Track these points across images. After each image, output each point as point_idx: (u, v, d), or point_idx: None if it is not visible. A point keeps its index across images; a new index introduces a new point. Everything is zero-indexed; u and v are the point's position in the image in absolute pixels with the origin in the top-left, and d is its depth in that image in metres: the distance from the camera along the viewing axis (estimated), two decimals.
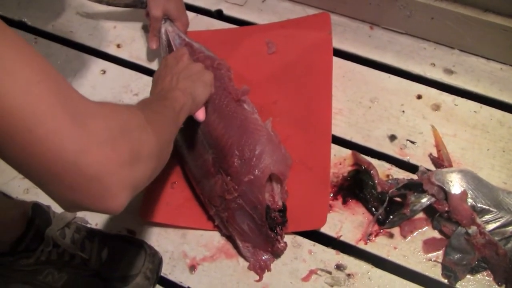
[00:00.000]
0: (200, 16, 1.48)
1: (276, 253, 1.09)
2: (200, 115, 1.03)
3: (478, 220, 1.03)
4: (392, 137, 1.20)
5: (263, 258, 1.09)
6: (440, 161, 1.14)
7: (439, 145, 1.17)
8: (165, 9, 1.28)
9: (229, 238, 1.13)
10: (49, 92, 0.56)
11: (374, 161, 1.17)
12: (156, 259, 1.11)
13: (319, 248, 1.10)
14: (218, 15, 1.49)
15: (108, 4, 1.41)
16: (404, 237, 1.09)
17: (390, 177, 1.15)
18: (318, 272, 1.08)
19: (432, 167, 1.15)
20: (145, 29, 1.47)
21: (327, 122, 1.21)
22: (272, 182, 1.09)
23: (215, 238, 1.14)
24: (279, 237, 1.06)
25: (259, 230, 1.06)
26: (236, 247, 1.11)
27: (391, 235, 1.09)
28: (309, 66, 1.29)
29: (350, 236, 1.11)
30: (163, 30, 1.29)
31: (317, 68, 1.28)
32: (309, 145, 1.18)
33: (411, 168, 1.16)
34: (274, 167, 1.07)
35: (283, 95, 1.26)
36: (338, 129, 1.23)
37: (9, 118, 0.53)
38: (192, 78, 1.01)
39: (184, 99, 0.94)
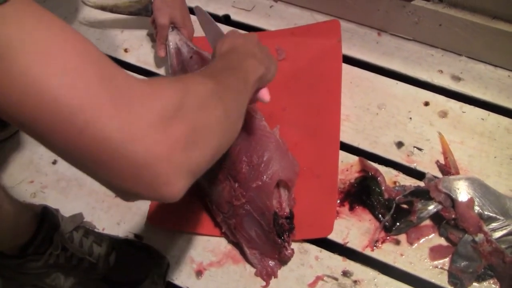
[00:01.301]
0: None
1: (283, 260, 1.09)
2: (266, 95, 0.96)
3: (485, 228, 1.03)
4: (399, 144, 1.21)
5: (270, 264, 1.09)
6: (447, 168, 1.14)
7: (446, 152, 1.17)
8: (171, 17, 1.28)
9: (236, 244, 1.13)
10: (88, 77, 0.53)
11: (381, 168, 1.17)
12: (163, 264, 1.11)
13: (325, 254, 1.11)
14: (226, 20, 1.49)
15: (112, 11, 1.41)
16: (411, 244, 1.09)
17: (397, 184, 1.15)
18: (324, 278, 1.08)
19: (439, 174, 1.15)
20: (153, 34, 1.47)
21: (336, 129, 1.21)
22: (280, 189, 1.10)
23: (222, 243, 1.14)
24: (286, 244, 1.06)
25: (266, 237, 1.07)
26: (243, 253, 1.12)
27: (397, 242, 1.09)
28: (319, 73, 1.29)
29: (356, 242, 1.11)
30: (170, 38, 1.29)
31: (326, 75, 1.28)
32: (317, 152, 1.19)
33: (418, 175, 1.16)
34: (282, 173, 1.07)
35: (292, 102, 1.26)
36: (345, 136, 1.23)
37: (47, 108, 0.50)
38: (266, 54, 0.95)
39: (261, 70, 0.87)
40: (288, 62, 1.33)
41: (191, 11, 1.37)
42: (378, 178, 1.14)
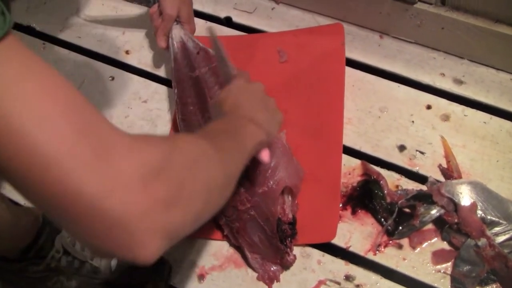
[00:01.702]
0: (209, 23, 1.48)
1: (285, 265, 1.09)
2: (265, 157, 0.94)
3: (488, 232, 1.03)
4: (402, 147, 1.20)
5: (271, 269, 1.09)
6: (450, 172, 1.14)
7: (448, 156, 1.17)
8: (179, 10, 1.25)
9: (238, 248, 1.13)
10: (71, 126, 0.51)
11: (383, 171, 1.17)
12: (165, 268, 1.11)
13: (328, 258, 1.10)
14: (227, 22, 1.49)
15: None
16: (413, 248, 1.09)
17: (399, 188, 1.15)
18: (327, 282, 1.08)
19: (442, 178, 1.15)
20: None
21: (339, 133, 1.21)
22: (284, 195, 1.09)
23: (224, 247, 1.14)
24: (288, 249, 1.06)
25: (269, 242, 1.06)
26: (244, 257, 1.11)
27: (400, 246, 1.09)
28: (321, 76, 1.29)
29: (359, 246, 1.11)
30: (175, 32, 1.26)
31: (329, 78, 1.28)
32: (320, 156, 1.18)
33: (421, 178, 1.16)
34: (289, 180, 1.08)
35: (294, 105, 1.26)
36: (347, 139, 1.22)
37: (23, 156, 0.49)
38: (270, 113, 0.94)
39: (260, 136, 0.87)
40: (290, 64, 1.33)
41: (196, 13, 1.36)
42: (381, 182, 1.13)
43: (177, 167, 0.59)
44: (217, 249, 1.14)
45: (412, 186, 1.15)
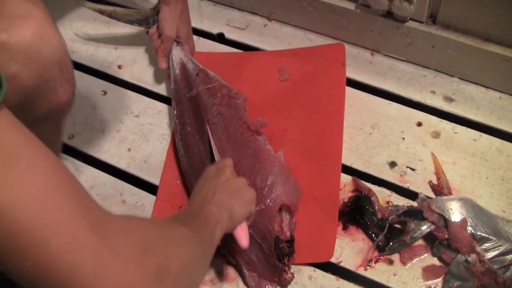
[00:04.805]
0: (201, 39, 1.49)
1: (283, 284, 1.08)
2: (243, 240, 0.96)
3: (478, 248, 1.03)
4: (392, 164, 1.21)
5: (267, 287, 1.08)
6: (440, 188, 1.15)
7: (438, 173, 1.18)
8: (178, 30, 1.27)
9: (229, 262, 1.12)
10: (67, 201, 0.52)
11: (374, 188, 1.17)
12: None
13: (319, 273, 1.10)
14: (220, 38, 1.50)
15: (110, 16, 1.38)
16: (404, 263, 1.09)
17: (390, 204, 1.15)
18: None
19: (432, 194, 1.15)
20: (148, 50, 1.47)
21: (338, 152, 1.21)
22: (282, 213, 1.09)
23: (215, 261, 1.13)
24: (286, 267, 1.05)
25: (267, 260, 1.06)
26: (241, 275, 1.10)
27: (391, 262, 1.09)
28: (321, 96, 1.29)
29: (350, 262, 1.10)
30: (174, 53, 1.28)
31: (329, 99, 1.29)
32: (318, 175, 1.18)
33: (411, 195, 1.16)
34: (286, 197, 1.08)
35: (294, 124, 1.26)
36: None
37: (19, 231, 0.49)
38: (231, 194, 0.94)
39: (219, 214, 0.88)
40: (290, 83, 1.33)
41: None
42: (372, 198, 1.14)
43: (164, 246, 0.64)
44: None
45: (402, 202, 1.15)
